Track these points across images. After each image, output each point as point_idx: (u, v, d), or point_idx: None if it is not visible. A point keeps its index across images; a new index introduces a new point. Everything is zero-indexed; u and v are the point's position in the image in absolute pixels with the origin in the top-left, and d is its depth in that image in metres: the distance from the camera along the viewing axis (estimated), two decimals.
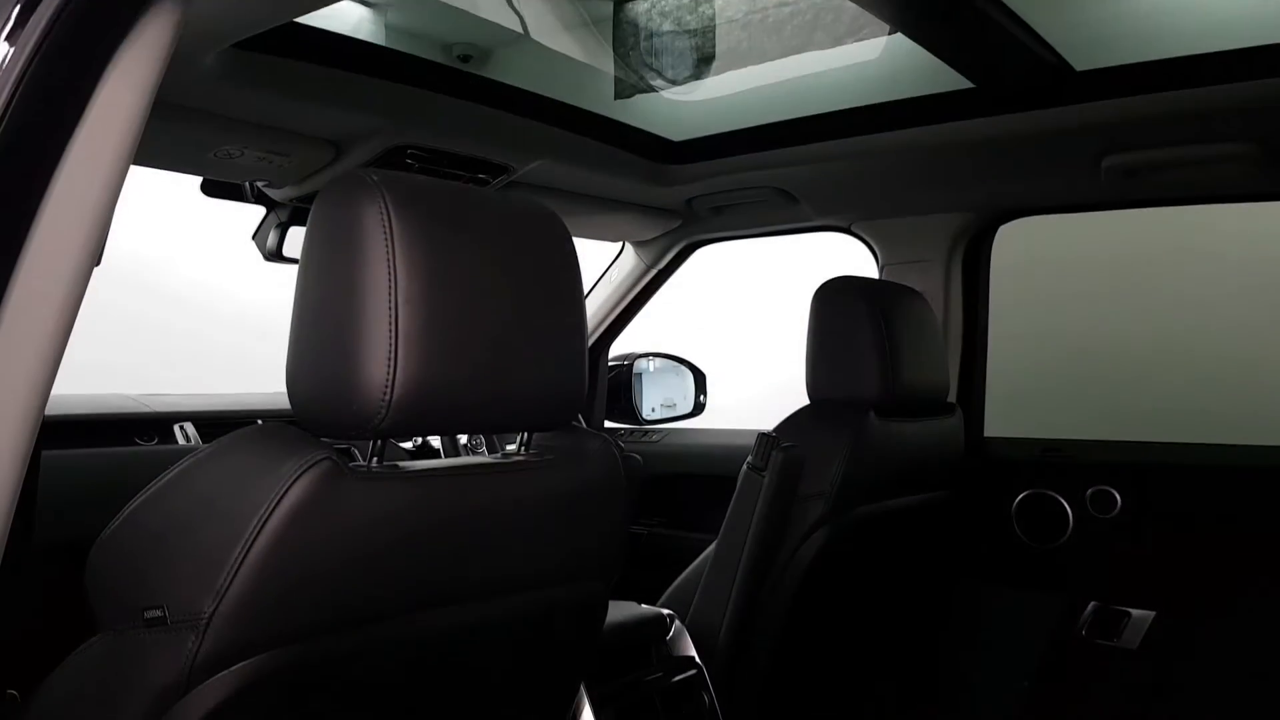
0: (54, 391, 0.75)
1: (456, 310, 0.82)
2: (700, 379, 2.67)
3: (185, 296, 3.27)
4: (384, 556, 0.82)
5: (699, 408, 2.66)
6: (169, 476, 0.81)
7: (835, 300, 1.61)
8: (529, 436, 0.97)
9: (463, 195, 0.89)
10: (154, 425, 1.77)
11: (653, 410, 2.63)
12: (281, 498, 0.74)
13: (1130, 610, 1.80)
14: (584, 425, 1.14)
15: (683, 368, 2.68)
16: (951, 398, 1.94)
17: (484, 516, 0.90)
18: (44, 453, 0.99)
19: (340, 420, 0.80)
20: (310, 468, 0.76)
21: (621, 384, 2.61)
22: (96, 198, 0.75)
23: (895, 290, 1.69)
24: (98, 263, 0.79)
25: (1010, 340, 2.20)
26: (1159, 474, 1.87)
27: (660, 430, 2.62)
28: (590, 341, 2.42)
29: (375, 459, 0.83)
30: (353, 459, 0.82)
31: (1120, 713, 1.79)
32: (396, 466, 0.84)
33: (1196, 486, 1.83)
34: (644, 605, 1.55)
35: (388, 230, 0.79)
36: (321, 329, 0.81)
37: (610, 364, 2.61)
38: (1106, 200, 1.88)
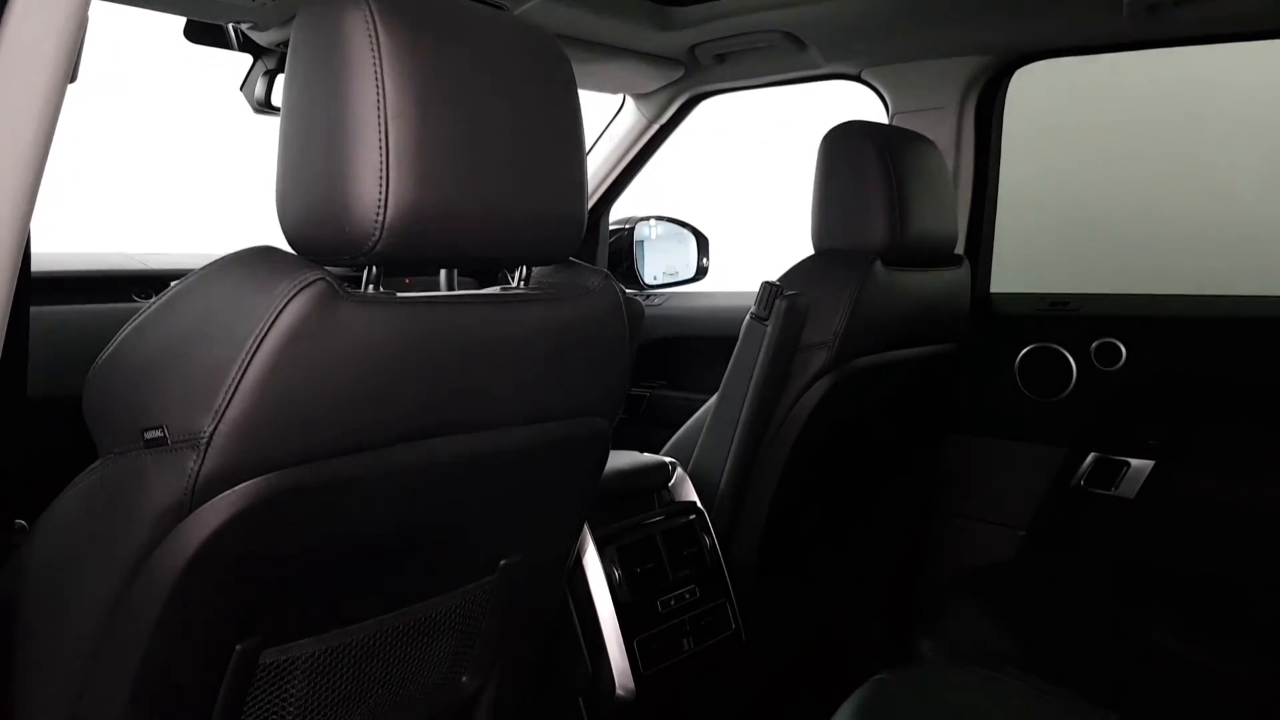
0: (53, 249, 0.72)
1: (450, 128, 0.79)
2: (703, 242, 2.62)
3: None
4: (383, 382, 0.81)
5: (702, 271, 2.62)
6: (162, 300, 0.80)
7: (843, 145, 1.56)
8: (527, 272, 0.95)
9: (456, 7, 0.84)
10: (152, 282, 1.75)
11: (654, 276, 2.60)
12: (277, 317, 0.73)
13: (1129, 460, 1.82)
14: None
15: (685, 231, 2.63)
16: (959, 250, 1.91)
17: (485, 346, 0.88)
18: (42, 308, 0.97)
19: (333, 244, 0.78)
20: (304, 288, 0.74)
21: (623, 249, 2.56)
22: (64, 5, 0.71)
23: (906, 136, 1.63)
24: (73, 79, 0.75)
25: (1019, 193, 2.15)
26: (1165, 326, 1.86)
27: (662, 294, 2.60)
28: (591, 202, 2.37)
29: (371, 286, 0.81)
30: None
31: (1114, 561, 1.83)
32: (394, 294, 0.82)
33: (1201, 338, 1.82)
34: (646, 454, 1.56)
35: (374, 40, 0.75)
36: (310, 147, 0.78)
37: (611, 228, 2.56)
38: (1128, 40, 1.80)
